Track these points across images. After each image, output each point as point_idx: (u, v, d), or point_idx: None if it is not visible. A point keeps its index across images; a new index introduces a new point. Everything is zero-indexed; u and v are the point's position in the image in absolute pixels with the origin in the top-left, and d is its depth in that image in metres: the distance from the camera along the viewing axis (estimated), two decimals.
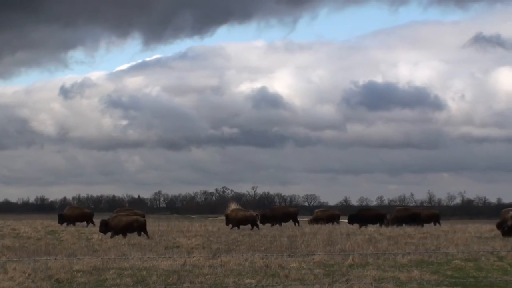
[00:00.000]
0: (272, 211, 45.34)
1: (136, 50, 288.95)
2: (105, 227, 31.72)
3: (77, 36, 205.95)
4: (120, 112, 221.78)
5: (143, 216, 35.11)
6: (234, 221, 38.76)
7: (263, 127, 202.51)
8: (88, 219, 43.65)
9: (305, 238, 30.26)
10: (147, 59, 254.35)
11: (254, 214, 39.87)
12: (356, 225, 41.25)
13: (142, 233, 31.68)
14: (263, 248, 26.11)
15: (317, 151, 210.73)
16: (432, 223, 44.07)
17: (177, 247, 27.06)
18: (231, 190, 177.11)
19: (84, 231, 35.77)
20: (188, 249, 26.05)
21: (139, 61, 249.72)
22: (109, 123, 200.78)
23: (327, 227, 39.25)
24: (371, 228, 37.93)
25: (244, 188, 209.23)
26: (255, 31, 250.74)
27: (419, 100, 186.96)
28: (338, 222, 48.71)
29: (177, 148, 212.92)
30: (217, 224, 47.38)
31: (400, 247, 25.43)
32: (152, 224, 44.79)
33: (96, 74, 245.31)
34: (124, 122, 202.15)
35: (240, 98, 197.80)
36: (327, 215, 49.80)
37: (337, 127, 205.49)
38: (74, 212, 43.95)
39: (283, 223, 44.41)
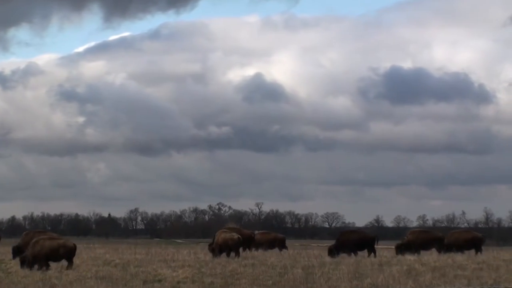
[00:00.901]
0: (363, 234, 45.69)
1: (95, 28, 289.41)
2: (19, 254, 31.60)
3: (20, 10, 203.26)
4: (75, 107, 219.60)
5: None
6: (216, 246, 39.24)
7: (260, 125, 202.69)
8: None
9: (325, 269, 30.23)
10: (110, 38, 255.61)
11: (236, 236, 40.15)
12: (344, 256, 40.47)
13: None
14: (270, 282, 26.05)
15: (333, 157, 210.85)
16: (474, 250, 43.98)
17: (159, 281, 27.01)
18: (229, 207, 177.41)
19: None
20: (173, 284, 25.99)
21: (99, 41, 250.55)
22: (62, 120, 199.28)
23: (352, 256, 39.18)
24: (410, 257, 37.89)
25: (244, 205, 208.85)
26: (248, 3, 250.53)
27: (459, 91, 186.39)
28: (282, 248, 49.19)
29: (152, 153, 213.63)
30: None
31: (448, 281, 25.37)
32: (126, 251, 44.82)
33: (44, 58, 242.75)
34: (81, 119, 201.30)
35: (229, 88, 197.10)
36: (268, 239, 50.15)
37: (356, 126, 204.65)
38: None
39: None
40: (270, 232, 55.11)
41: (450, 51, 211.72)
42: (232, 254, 38.82)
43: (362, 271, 29.17)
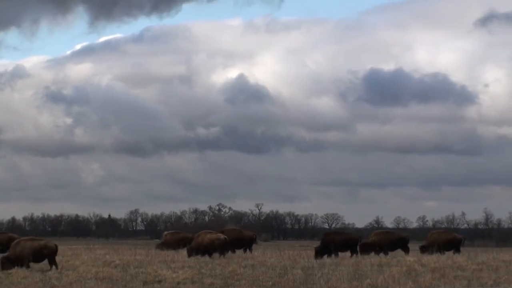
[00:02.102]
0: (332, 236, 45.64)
1: (81, 31, 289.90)
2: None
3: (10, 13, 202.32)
4: (63, 108, 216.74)
5: None
6: (201, 247, 39.32)
7: (247, 127, 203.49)
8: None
9: (325, 270, 30.21)
10: (95, 41, 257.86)
11: (222, 237, 40.27)
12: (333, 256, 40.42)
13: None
14: (270, 283, 26.05)
15: (324, 158, 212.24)
16: (454, 251, 44.08)
17: (159, 282, 27.01)
18: (229, 208, 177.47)
19: None
20: (173, 285, 25.99)
21: (85, 44, 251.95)
22: (49, 120, 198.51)
23: (352, 256, 39.17)
24: (410, 258, 37.87)
25: (241, 206, 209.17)
26: (231, 7, 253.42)
27: (442, 92, 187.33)
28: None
29: (144, 153, 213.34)
30: None
31: (448, 282, 25.36)
32: (126, 252, 44.80)
33: (32, 60, 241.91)
34: (70, 121, 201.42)
35: (215, 90, 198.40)
36: (177, 238, 50.24)
37: (342, 127, 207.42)
38: None
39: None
40: (179, 232, 54.93)
41: (431, 53, 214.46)
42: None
43: (361, 272, 29.16)
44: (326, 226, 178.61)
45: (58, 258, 37.29)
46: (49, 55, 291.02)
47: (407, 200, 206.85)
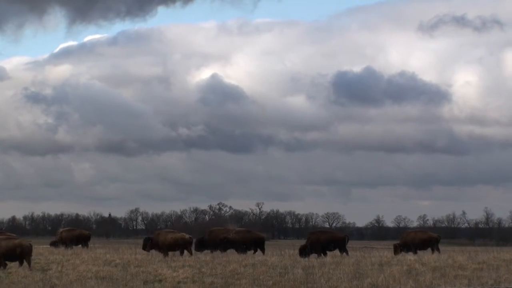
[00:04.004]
0: (211, 235, 45.79)
1: (59, 35, 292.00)
2: None
3: None
4: (42, 108, 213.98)
5: None
6: (164, 246, 39.82)
7: (228, 126, 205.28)
8: None
9: (325, 269, 30.23)
10: (73, 43, 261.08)
11: (187, 236, 40.75)
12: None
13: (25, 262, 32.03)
14: (270, 282, 26.06)
15: (311, 158, 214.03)
16: (431, 250, 44.15)
17: (160, 281, 27.03)
18: (230, 207, 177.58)
19: (39, 261, 35.79)
20: (174, 284, 26.00)
21: (64, 45, 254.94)
22: (31, 120, 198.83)
23: (353, 256, 39.20)
24: (411, 257, 37.89)
25: (243, 205, 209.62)
26: (205, 11, 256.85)
27: (416, 92, 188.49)
28: (87, 245, 49.75)
29: (129, 152, 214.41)
30: None
31: (448, 281, 25.37)
32: (126, 251, 44.81)
33: (12, 62, 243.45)
34: (50, 120, 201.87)
35: (193, 90, 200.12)
36: (73, 235, 50.56)
37: (322, 126, 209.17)
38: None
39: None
40: (75, 229, 54.95)
41: (402, 54, 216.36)
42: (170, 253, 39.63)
43: (362, 271, 29.17)
44: (326, 225, 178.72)
45: (58, 257, 37.45)
46: (29, 57, 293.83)
47: (399, 199, 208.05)
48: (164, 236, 40.66)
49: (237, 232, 44.39)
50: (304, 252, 40.16)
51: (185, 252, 40.33)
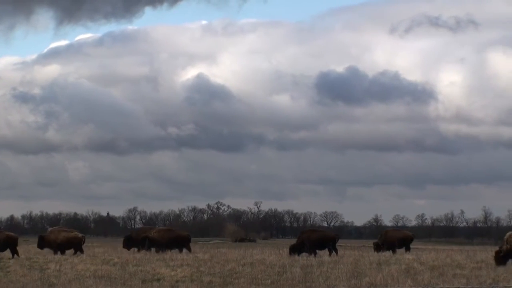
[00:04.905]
0: (138, 233, 45.95)
1: (47, 35, 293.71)
2: None
3: None
4: (31, 107, 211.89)
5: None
6: (55, 245, 39.90)
7: (217, 125, 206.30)
8: None
9: (324, 268, 30.22)
10: (61, 44, 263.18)
11: (80, 235, 41.07)
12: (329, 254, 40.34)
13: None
14: (269, 281, 26.07)
15: (302, 156, 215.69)
16: (405, 249, 44.31)
17: (158, 280, 27.02)
18: (228, 206, 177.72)
19: (37, 260, 35.78)
20: (172, 283, 26.00)
21: (52, 46, 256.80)
22: (19, 119, 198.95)
23: (351, 255, 39.20)
24: (409, 256, 37.92)
25: (235, 203, 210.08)
26: (190, 12, 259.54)
27: (399, 91, 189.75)
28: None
29: (121, 151, 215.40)
30: (209, 250, 47.33)
31: (446, 280, 25.37)
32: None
33: (1, 62, 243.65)
34: (40, 119, 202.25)
35: (181, 90, 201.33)
36: None
37: (311, 126, 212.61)
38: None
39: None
40: (2, 231, 54.34)
41: (387, 54, 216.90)
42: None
43: (360, 270, 29.18)
44: (325, 224, 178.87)
45: (56, 256, 37.50)
46: (18, 57, 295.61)
47: (395, 199, 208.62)
48: (56, 235, 40.41)
49: (158, 231, 44.07)
50: (294, 251, 40.22)
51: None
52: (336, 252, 40.50)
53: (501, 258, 31.44)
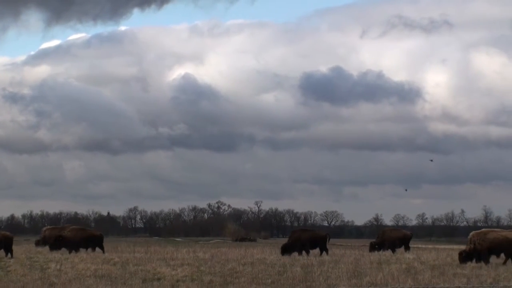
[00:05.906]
0: (51, 232, 46.16)
1: (37, 37, 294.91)
2: None
3: None
4: (21, 108, 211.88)
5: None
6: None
7: (206, 124, 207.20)
8: None
9: (324, 267, 30.25)
10: (50, 45, 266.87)
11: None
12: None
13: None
14: (269, 280, 26.06)
15: (296, 156, 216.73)
16: (404, 248, 44.31)
17: (159, 279, 27.02)
18: (228, 206, 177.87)
19: (38, 259, 35.81)
20: (172, 283, 26.00)
21: (42, 47, 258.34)
22: (9, 119, 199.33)
23: (352, 254, 39.23)
24: (410, 255, 37.95)
25: (233, 203, 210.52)
26: (177, 14, 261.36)
27: (386, 91, 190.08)
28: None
29: (115, 151, 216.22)
30: (210, 249, 47.37)
31: (447, 279, 25.37)
32: (125, 249, 44.83)
33: None
34: (32, 119, 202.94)
35: (169, 90, 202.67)
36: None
37: (301, 126, 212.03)
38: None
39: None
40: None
41: (373, 54, 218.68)
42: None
43: (361, 270, 29.20)
44: (325, 223, 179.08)
45: (57, 256, 37.51)
46: (7, 58, 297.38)
47: (392, 198, 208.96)
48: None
49: (71, 230, 44.31)
50: (285, 250, 40.30)
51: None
52: (327, 252, 40.54)
53: (464, 258, 32.33)
